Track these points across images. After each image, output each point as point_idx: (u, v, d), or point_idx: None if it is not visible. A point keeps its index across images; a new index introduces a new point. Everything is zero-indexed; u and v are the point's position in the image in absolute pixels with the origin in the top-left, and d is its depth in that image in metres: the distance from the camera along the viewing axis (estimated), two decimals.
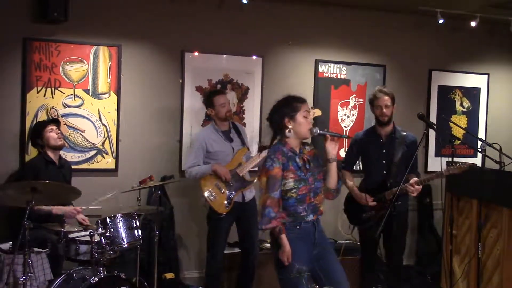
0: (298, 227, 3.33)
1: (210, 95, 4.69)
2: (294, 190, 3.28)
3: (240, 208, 4.58)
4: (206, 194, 4.47)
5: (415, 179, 4.10)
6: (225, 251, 4.98)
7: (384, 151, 4.33)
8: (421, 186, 4.09)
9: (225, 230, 4.62)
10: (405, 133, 4.38)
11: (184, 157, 5.29)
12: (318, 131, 3.33)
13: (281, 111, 3.36)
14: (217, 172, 4.47)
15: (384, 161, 4.31)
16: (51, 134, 4.37)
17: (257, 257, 4.77)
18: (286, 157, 3.30)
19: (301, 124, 3.32)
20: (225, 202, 4.49)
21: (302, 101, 3.39)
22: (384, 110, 4.27)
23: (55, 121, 4.56)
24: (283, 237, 3.23)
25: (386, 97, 4.28)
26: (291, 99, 3.40)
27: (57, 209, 4.18)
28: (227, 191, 4.51)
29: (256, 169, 4.62)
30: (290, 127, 3.32)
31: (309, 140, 3.54)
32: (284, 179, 3.28)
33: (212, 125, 4.70)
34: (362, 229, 4.38)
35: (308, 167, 3.36)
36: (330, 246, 3.53)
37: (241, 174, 4.57)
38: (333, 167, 3.38)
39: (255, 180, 4.59)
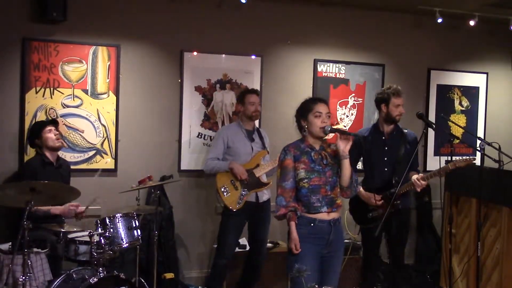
0: (312, 224, 3.43)
1: (243, 92, 4.83)
2: (305, 180, 3.44)
3: (254, 208, 4.64)
4: (220, 188, 4.56)
5: (421, 174, 4.18)
6: None
7: (386, 148, 4.36)
8: (426, 182, 4.16)
9: (235, 228, 4.65)
10: (405, 131, 4.43)
11: (183, 157, 5.32)
12: (330, 129, 3.48)
13: (298, 113, 3.58)
14: (233, 171, 4.54)
15: (386, 159, 4.33)
16: (50, 135, 4.35)
17: (264, 257, 4.81)
18: (300, 151, 3.50)
19: (313, 123, 3.49)
20: (238, 199, 4.55)
21: (316, 101, 3.56)
22: (403, 110, 4.34)
23: (53, 122, 4.54)
24: (292, 224, 3.42)
25: (402, 98, 4.36)
26: (306, 101, 3.60)
27: (54, 209, 4.18)
28: (241, 189, 4.57)
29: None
30: (305, 126, 3.52)
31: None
32: (296, 170, 3.46)
33: (238, 122, 4.80)
34: (366, 228, 4.38)
35: (326, 162, 3.50)
36: (341, 251, 3.63)
37: (257, 175, 4.63)
38: (345, 164, 3.49)
39: (271, 183, 4.66)
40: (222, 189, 4.57)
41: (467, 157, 4.17)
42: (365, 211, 4.31)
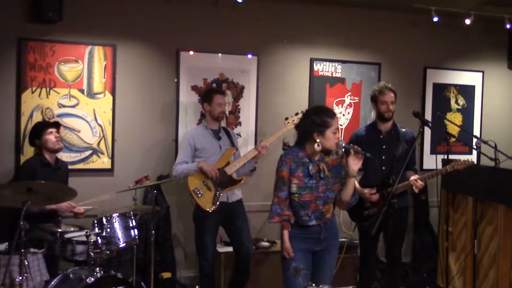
0: (303, 226, 3.49)
1: (211, 92, 4.76)
2: (296, 195, 3.45)
3: (224, 210, 4.56)
4: (193, 191, 4.47)
5: (417, 176, 4.19)
6: (223, 251, 5.00)
7: (384, 147, 4.37)
8: (423, 182, 4.18)
9: (211, 230, 4.58)
10: (404, 130, 4.44)
11: None
12: (343, 145, 3.42)
13: (312, 125, 3.40)
14: (203, 169, 4.47)
15: (383, 157, 4.34)
16: (50, 137, 4.34)
17: (251, 257, 4.72)
18: (296, 163, 3.43)
19: (330, 139, 3.40)
20: (213, 200, 4.48)
21: (333, 116, 3.42)
22: (390, 107, 4.34)
23: (56, 124, 4.52)
24: (285, 233, 3.46)
25: (392, 94, 4.35)
26: (322, 113, 3.42)
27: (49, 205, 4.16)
28: (214, 189, 4.50)
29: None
30: (318, 141, 3.38)
31: None
32: (290, 182, 3.44)
33: (203, 124, 4.75)
34: (362, 226, 4.38)
35: (323, 175, 3.44)
36: (335, 246, 3.66)
37: (229, 173, 4.57)
38: (351, 182, 3.47)
39: (243, 180, 4.64)
40: (195, 191, 4.47)
41: (466, 160, 4.16)
42: (361, 209, 4.32)
